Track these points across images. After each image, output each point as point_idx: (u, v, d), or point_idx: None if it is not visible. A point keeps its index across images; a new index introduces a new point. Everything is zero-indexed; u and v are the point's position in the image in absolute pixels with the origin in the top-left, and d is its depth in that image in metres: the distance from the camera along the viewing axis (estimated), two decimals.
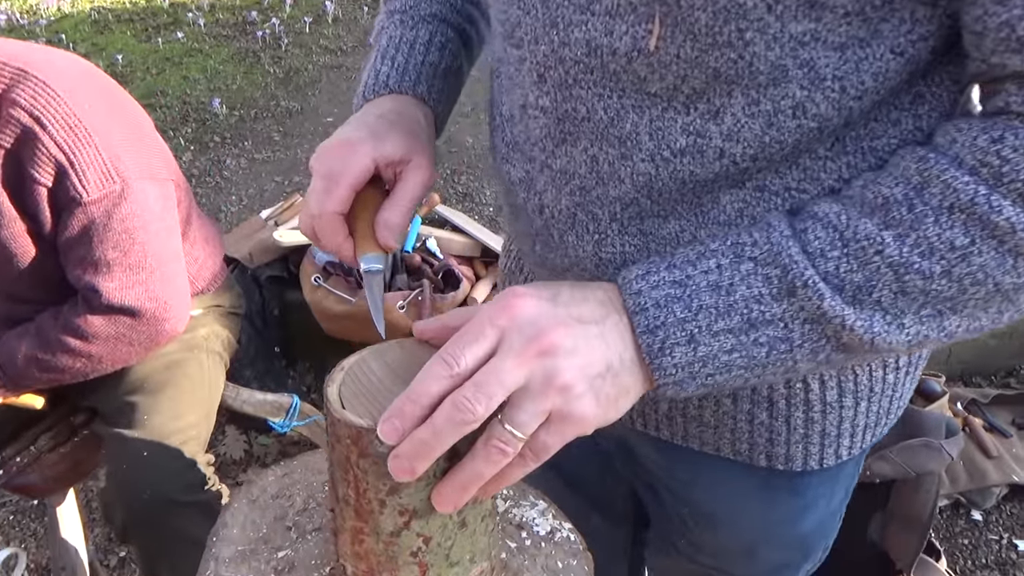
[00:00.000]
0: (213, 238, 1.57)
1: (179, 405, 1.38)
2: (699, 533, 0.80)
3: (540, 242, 0.68)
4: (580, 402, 0.47)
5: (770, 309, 0.49)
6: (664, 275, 0.51)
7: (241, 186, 3.15)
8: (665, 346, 0.50)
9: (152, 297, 1.25)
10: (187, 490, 1.31)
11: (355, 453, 0.52)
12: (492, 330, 0.47)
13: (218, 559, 0.65)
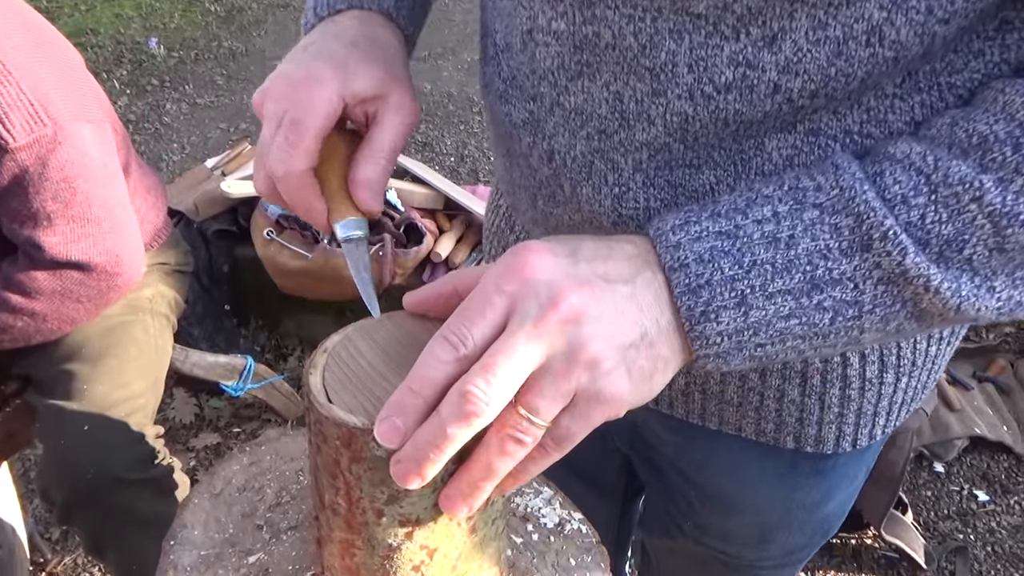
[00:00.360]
0: (155, 189, 1.43)
1: (123, 373, 1.26)
2: (708, 516, 0.74)
3: (544, 196, 0.59)
4: (610, 379, 0.39)
5: (839, 266, 0.41)
6: (707, 225, 0.43)
7: (183, 133, 2.95)
8: (710, 309, 0.41)
9: (102, 250, 1.13)
10: (135, 466, 1.20)
11: (346, 457, 0.43)
12: (501, 298, 0.39)
13: (177, 567, 0.55)
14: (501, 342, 0.38)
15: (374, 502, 0.44)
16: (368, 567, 0.47)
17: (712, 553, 0.77)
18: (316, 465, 0.46)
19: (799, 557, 0.76)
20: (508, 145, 0.61)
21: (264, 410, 2.09)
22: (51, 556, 1.76)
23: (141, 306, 1.35)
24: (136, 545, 1.21)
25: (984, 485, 1.95)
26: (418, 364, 0.39)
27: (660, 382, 0.42)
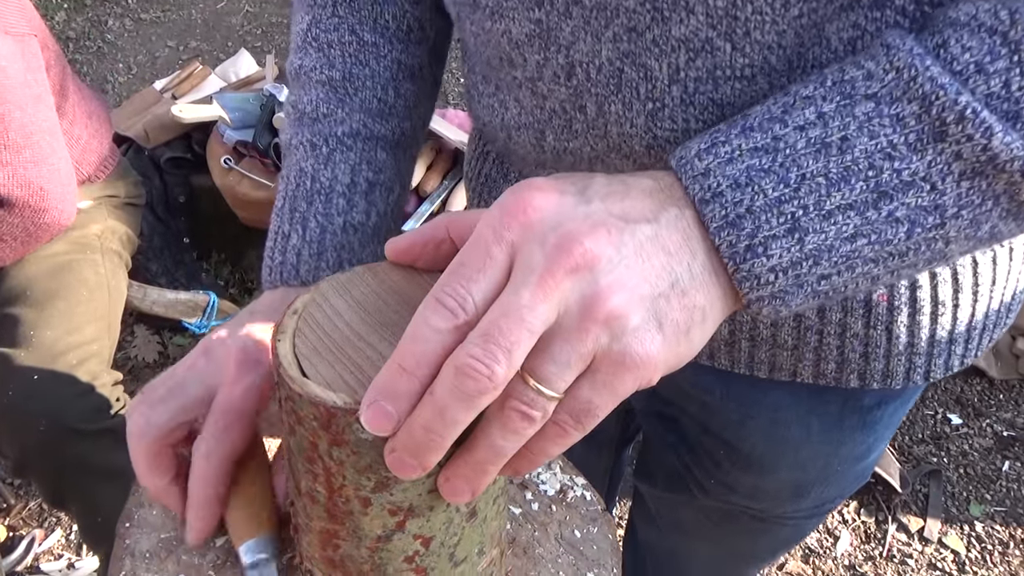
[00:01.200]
0: (98, 114, 1.30)
1: (73, 317, 1.17)
2: (737, 475, 0.68)
3: (557, 128, 0.50)
4: (637, 336, 0.32)
5: (908, 165, 0.34)
6: (739, 142, 0.35)
7: (128, 52, 2.75)
8: (756, 242, 0.34)
9: (22, 182, 1.02)
10: (91, 417, 1.12)
11: (325, 440, 0.36)
12: (501, 247, 0.32)
13: (135, 554, 0.49)
14: (503, 302, 0.31)
15: (359, 490, 0.37)
16: (354, 559, 0.41)
17: (735, 508, 0.72)
18: (289, 448, 0.39)
19: (831, 507, 0.71)
20: (501, 75, 0.52)
21: None
22: (14, 502, 1.69)
23: (89, 244, 1.25)
24: (98, 497, 1.15)
25: (957, 409, 1.97)
26: (409, 335, 0.32)
27: (700, 337, 0.35)
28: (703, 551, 0.82)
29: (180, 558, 0.49)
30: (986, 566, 1.65)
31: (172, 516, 0.51)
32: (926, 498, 1.76)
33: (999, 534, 1.70)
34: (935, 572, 1.64)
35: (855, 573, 1.64)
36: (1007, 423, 1.92)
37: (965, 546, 1.68)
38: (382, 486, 0.37)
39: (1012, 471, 1.82)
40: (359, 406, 0.34)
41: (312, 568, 0.43)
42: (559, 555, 0.51)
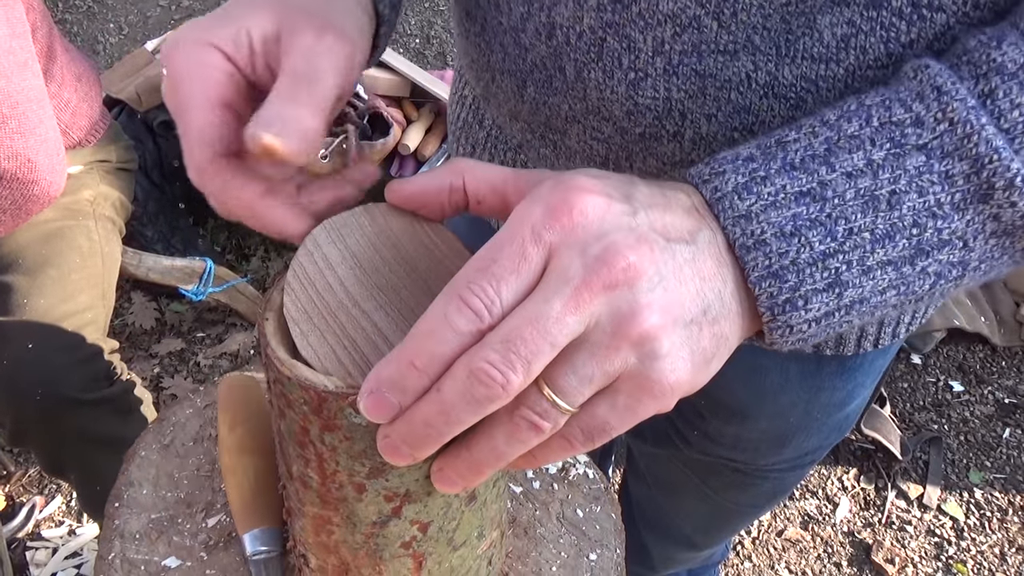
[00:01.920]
0: (87, 76, 1.27)
1: (67, 284, 1.15)
2: (719, 426, 0.68)
3: (537, 81, 0.49)
4: (667, 362, 0.31)
5: (949, 224, 0.34)
6: (782, 182, 0.33)
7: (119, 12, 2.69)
8: (797, 296, 0.33)
9: (8, 154, 0.99)
10: (88, 386, 1.11)
11: (316, 425, 0.34)
12: (538, 248, 0.30)
13: (124, 535, 0.48)
14: (531, 309, 0.29)
15: (353, 476, 0.36)
16: (349, 545, 0.39)
17: (718, 461, 0.72)
18: (280, 431, 0.38)
19: (812, 458, 0.72)
20: (487, 17, 0.49)
21: (229, 313, 2.00)
22: (14, 469, 1.69)
23: (81, 210, 1.22)
24: (97, 466, 1.14)
25: (959, 376, 1.96)
26: (425, 330, 0.30)
27: (717, 366, 0.34)
28: (689, 506, 0.83)
29: (171, 539, 0.48)
30: (984, 533, 1.65)
31: (161, 494, 0.50)
32: (926, 465, 1.76)
33: (998, 501, 1.71)
34: (933, 539, 1.64)
35: (854, 539, 1.64)
36: (1009, 390, 1.92)
37: (964, 513, 1.68)
38: (377, 472, 0.35)
39: (1013, 438, 1.82)
40: (352, 390, 0.33)
41: (305, 553, 0.42)
42: (561, 535, 0.50)
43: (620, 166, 0.49)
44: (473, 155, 0.62)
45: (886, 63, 0.40)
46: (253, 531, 0.46)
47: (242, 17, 0.37)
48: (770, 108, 0.42)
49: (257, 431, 0.49)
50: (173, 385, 1.84)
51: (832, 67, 0.40)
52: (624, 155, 0.48)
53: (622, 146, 0.47)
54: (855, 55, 0.40)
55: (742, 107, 0.43)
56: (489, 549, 0.44)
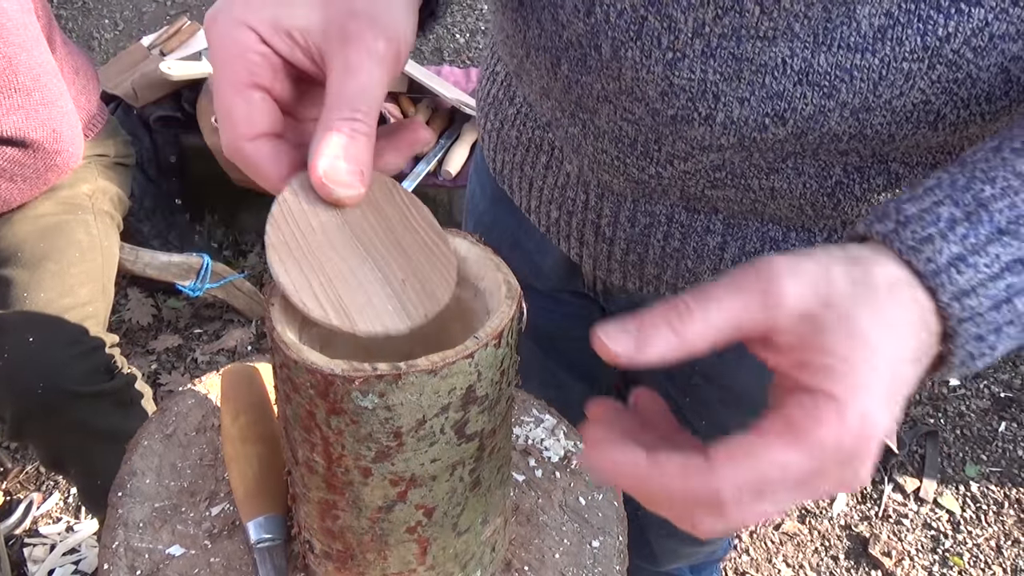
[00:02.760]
0: (84, 71, 1.26)
1: (67, 278, 1.14)
2: (728, 415, 0.67)
3: (571, 59, 0.49)
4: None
5: None
6: (996, 251, 0.33)
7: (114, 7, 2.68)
8: (989, 351, 0.34)
9: (36, 124, 1.00)
10: (89, 379, 1.10)
11: (323, 408, 0.34)
12: (813, 478, 0.31)
13: (128, 524, 0.48)
14: (788, 490, 0.31)
15: (359, 460, 0.36)
16: (354, 530, 0.39)
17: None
18: (285, 416, 0.38)
19: None
20: None
21: (226, 309, 1.99)
22: (11, 465, 1.69)
23: (80, 204, 1.22)
24: (97, 460, 1.14)
25: None
26: (665, 494, 0.31)
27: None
28: None
29: (175, 528, 0.48)
30: (980, 526, 1.66)
31: (164, 484, 0.50)
32: (922, 459, 1.77)
33: (994, 494, 1.71)
34: (930, 532, 1.65)
35: (851, 533, 1.65)
36: (1004, 384, 1.93)
37: (960, 506, 1.69)
38: (383, 455, 0.36)
39: (1008, 432, 1.83)
40: (358, 373, 0.33)
41: (311, 538, 0.42)
42: (563, 523, 0.50)
43: (648, 148, 0.49)
44: (501, 131, 0.63)
45: (922, 55, 0.40)
46: (257, 519, 0.46)
47: (287, 3, 0.37)
48: (803, 95, 0.42)
49: (260, 420, 0.49)
50: (170, 381, 1.84)
51: (867, 57, 0.40)
52: (653, 137, 0.48)
53: (652, 128, 0.48)
54: (891, 46, 0.40)
55: (775, 92, 0.43)
56: (493, 536, 0.44)
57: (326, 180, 0.35)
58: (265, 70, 0.37)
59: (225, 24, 0.37)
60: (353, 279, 0.35)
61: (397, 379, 0.33)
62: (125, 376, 1.17)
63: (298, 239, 0.35)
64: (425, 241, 0.37)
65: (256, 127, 0.36)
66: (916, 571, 1.58)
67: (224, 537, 0.48)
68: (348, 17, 0.36)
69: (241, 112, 0.36)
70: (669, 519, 0.32)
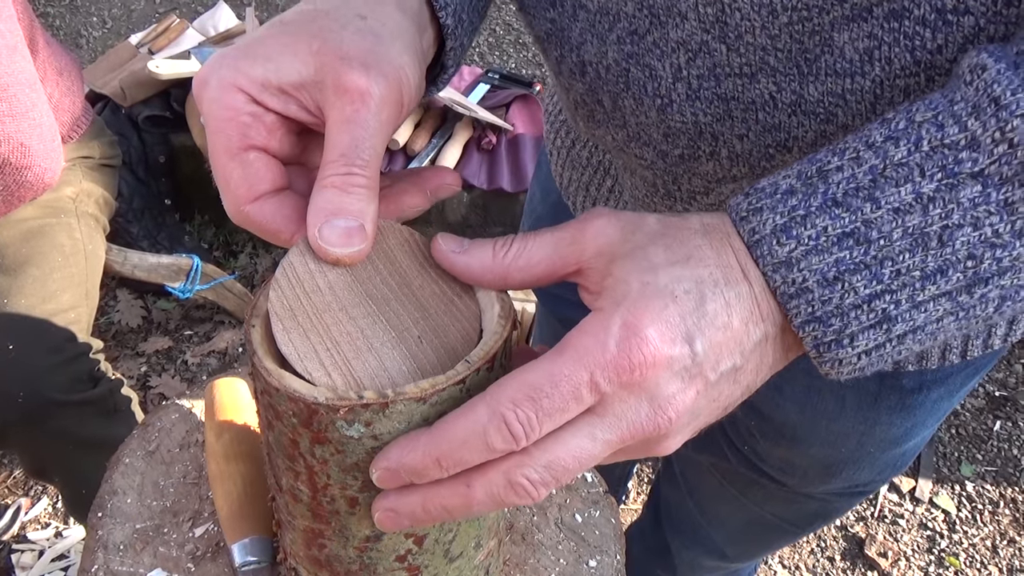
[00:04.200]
0: (69, 71, 1.24)
1: (49, 284, 1.12)
2: (768, 447, 0.66)
3: (582, 116, 0.50)
4: (674, 443, 0.34)
5: (1011, 252, 0.31)
6: (824, 223, 0.32)
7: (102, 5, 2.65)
8: (842, 336, 0.32)
9: (2, 137, 0.96)
10: (72, 387, 1.08)
11: (306, 438, 0.33)
12: (592, 395, 0.31)
13: (107, 546, 0.46)
14: (578, 444, 0.31)
15: (346, 489, 0.34)
16: (341, 559, 0.38)
17: (762, 480, 0.70)
18: (268, 442, 0.36)
19: (864, 491, 0.69)
20: (543, 59, 0.52)
21: (217, 311, 1.97)
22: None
23: (63, 207, 1.20)
24: (82, 469, 1.12)
25: None
26: (460, 439, 0.31)
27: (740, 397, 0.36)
28: (724, 515, 0.81)
29: (157, 550, 0.46)
30: (976, 525, 1.66)
31: (146, 503, 0.49)
32: (918, 459, 1.76)
33: (989, 494, 1.71)
34: (926, 532, 1.65)
35: (847, 534, 1.64)
36: (999, 383, 1.92)
37: (956, 506, 1.69)
38: (370, 485, 0.34)
39: (1003, 431, 1.82)
40: (343, 402, 0.31)
41: (297, 567, 0.40)
42: (559, 541, 0.49)
43: (669, 189, 0.49)
44: (572, 150, 0.63)
45: (915, 71, 0.38)
46: (242, 541, 0.44)
47: (275, 57, 0.35)
48: (800, 124, 0.41)
49: (245, 436, 0.47)
50: (161, 384, 1.82)
51: (858, 80, 0.39)
52: (671, 178, 0.48)
53: (665, 170, 0.48)
54: (880, 67, 0.38)
55: (772, 126, 0.42)
56: (487, 559, 0.43)
57: (322, 241, 0.34)
58: (258, 130, 0.36)
59: (214, 88, 0.35)
60: (363, 341, 0.34)
61: (384, 408, 0.31)
62: (109, 383, 1.15)
63: (303, 302, 0.34)
64: (445, 292, 0.36)
65: (256, 189, 0.35)
66: (912, 571, 1.57)
67: (208, 560, 0.46)
68: (341, 64, 0.35)
69: (238, 177, 0.35)
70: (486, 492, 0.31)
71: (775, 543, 0.83)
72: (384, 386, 0.33)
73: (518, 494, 0.31)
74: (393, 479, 0.32)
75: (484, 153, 1.82)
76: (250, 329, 0.34)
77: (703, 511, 0.82)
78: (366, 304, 0.35)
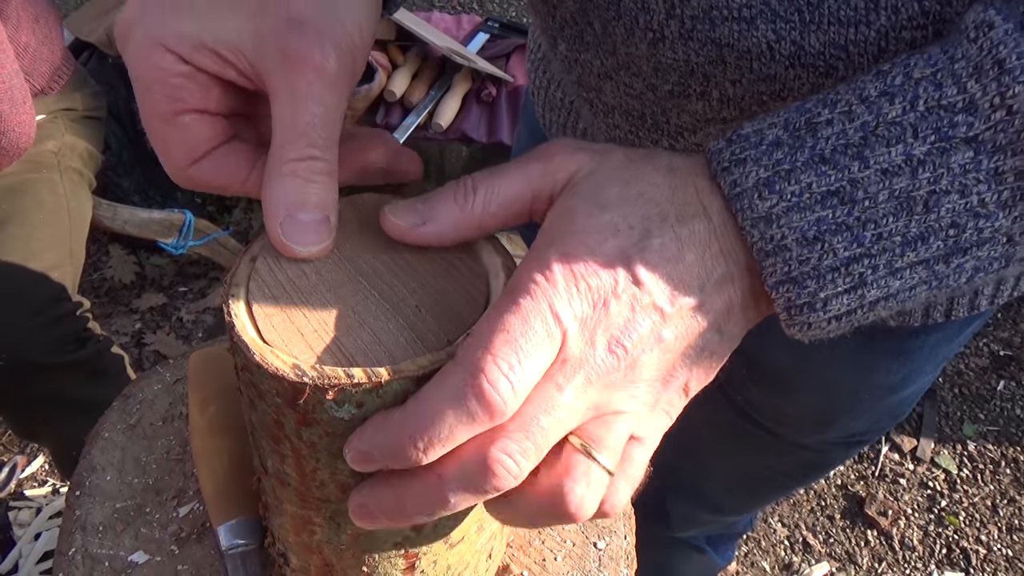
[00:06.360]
0: (46, 17, 1.18)
1: (31, 242, 1.08)
2: (760, 395, 0.65)
3: (568, 38, 0.46)
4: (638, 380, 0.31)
5: (993, 223, 0.30)
6: (809, 179, 0.30)
7: None
8: (816, 300, 0.31)
9: None
10: (57, 349, 1.05)
11: (292, 419, 0.30)
12: (557, 327, 0.29)
13: (86, 527, 0.43)
14: (547, 397, 0.29)
15: (336, 474, 0.31)
16: (333, 545, 0.35)
17: (757, 431, 0.68)
18: (251, 422, 0.33)
19: (861, 440, 0.67)
20: None
21: (211, 267, 1.93)
22: None
23: (44, 161, 1.15)
24: (72, 431, 1.09)
25: None
26: (435, 412, 0.28)
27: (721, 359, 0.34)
28: (719, 468, 0.80)
29: (139, 531, 0.43)
30: (977, 485, 1.65)
31: (127, 481, 0.46)
32: (920, 418, 1.75)
33: (991, 453, 1.70)
34: (926, 491, 1.64)
35: (847, 492, 1.64)
36: (1004, 342, 1.90)
37: (957, 465, 1.68)
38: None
39: (1007, 391, 1.81)
40: (330, 381, 0.28)
41: (286, 552, 0.38)
42: None
43: (658, 121, 0.46)
44: (548, 90, 0.59)
45: (922, 23, 0.35)
46: (229, 523, 0.41)
47: (210, 10, 0.31)
48: (797, 77, 0.38)
49: (232, 411, 0.44)
50: (156, 341, 1.79)
51: (862, 30, 0.36)
52: (659, 110, 0.45)
53: (655, 102, 0.45)
54: (887, 16, 0.35)
55: (767, 76, 0.39)
56: (489, 542, 0.40)
57: (286, 239, 0.31)
58: (192, 93, 0.32)
59: (140, 45, 0.31)
60: (354, 318, 0.30)
61: (378, 387, 0.28)
62: (97, 344, 1.12)
63: (286, 288, 0.31)
64: (443, 256, 0.33)
65: (195, 151, 0.33)
66: (912, 530, 1.57)
67: (193, 541, 0.43)
68: (287, 29, 0.30)
69: (175, 142, 0.32)
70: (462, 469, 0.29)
71: (771, 495, 0.83)
72: (380, 360, 0.29)
73: (498, 475, 0.28)
74: (365, 461, 0.29)
75: (484, 105, 1.76)
76: (228, 299, 0.31)
77: (697, 464, 0.81)
78: (356, 281, 0.31)
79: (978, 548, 1.56)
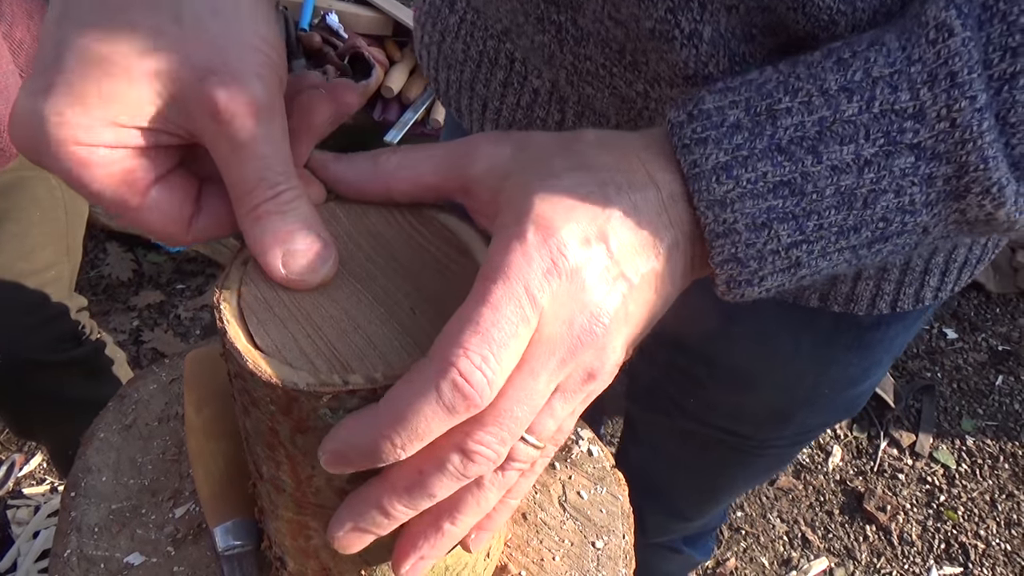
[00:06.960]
0: (40, 13, 1.17)
1: (27, 240, 1.07)
2: (719, 394, 0.64)
3: None
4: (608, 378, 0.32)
5: (917, 219, 0.33)
6: (765, 169, 0.31)
7: None
8: (754, 279, 0.33)
9: None
10: (54, 347, 1.05)
11: (286, 426, 0.29)
12: (534, 310, 0.29)
13: (81, 528, 0.43)
14: (522, 385, 0.29)
15: (332, 480, 0.31)
16: (331, 550, 0.35)
17: (716, 435, 0.68)
18: (245, 428, 0.33)
19: (813, 435, 0.68)
20: None
21: (209, 264, 1.93)
22: None
23: None
24: (69, 431, 1.08)
25: (954, 323, 1.94)
26: (406, 405, 0.27)
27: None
28: (682, 480, 0.81)
29: (134, 532, 0.43)
30: (975, 480, 1.65)
31: (123, 482, 0.45)
32: (918, 413, 1.75)
33: (990, 448, 1.71)
34: (925, 486, 1.64)
35: (846, 488, 1.64)
36: (1002, 337, 1.90)
37: (955, 460, 1.68)
38: (361, 476, 0.31)
39: (1005, 385, 1.81)
40: (325, 388, 0.28)
41: (283, 556, 0.37)
42: (564, 521, 0.46)
43: (636, 59, 0.43)
44: (443, 44, 0.54)
45: None
46: (225, 524, 0.41)
47: (111, 92, 0.29)
48: (796, 22, 0.37)
49: (228, 412, 0.44)
50: (153, 338, 1.79)
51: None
52: (640, 48, 0.42)
53: (637, 37, 0.41)
54: None
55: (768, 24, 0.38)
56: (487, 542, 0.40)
57: (293, 275, 0.31)
58: (143, 170, 0.31)
59: (57, 156, 0.29)
60: (347, 322, 0.30)
61: (373, 393, 0.28)
62: (93, 342, 1.12)
63: (279, 293, 0.31)
64: (438, 259, 0.33)
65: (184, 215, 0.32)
66: (910, 525, 1.57)
67: (189, 543, 0.43)
68: (203, 86, 0.29)
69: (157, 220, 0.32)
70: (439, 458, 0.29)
71: (730, 499, 0.86)
72: (375, 364, 0.29)
73: (477, 463, 0.29)
74: (340, 462, 0.28)
75: None
76: (220, 304, 0.30)
77: (666, 475, 0.83)
78: (349, 285, 0.31)
79: (976, 543, 1.56)
